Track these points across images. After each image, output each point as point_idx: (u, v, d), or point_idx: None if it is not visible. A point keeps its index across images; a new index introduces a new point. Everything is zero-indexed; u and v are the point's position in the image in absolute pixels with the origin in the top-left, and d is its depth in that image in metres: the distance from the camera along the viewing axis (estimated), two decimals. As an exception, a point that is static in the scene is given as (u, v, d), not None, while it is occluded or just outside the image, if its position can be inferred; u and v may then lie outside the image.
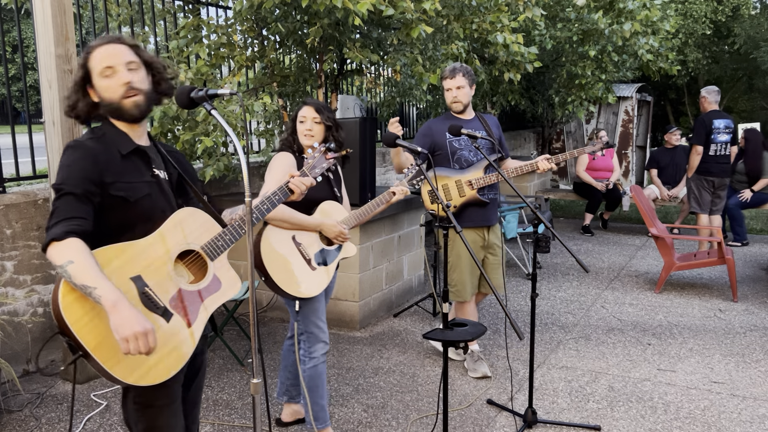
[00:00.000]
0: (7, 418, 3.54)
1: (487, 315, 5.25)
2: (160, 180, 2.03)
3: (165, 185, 2.05)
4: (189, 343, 1.95)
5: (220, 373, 4.16)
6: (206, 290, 2.01)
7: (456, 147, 3.94)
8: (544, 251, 7.35)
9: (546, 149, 11.95)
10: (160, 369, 1.88)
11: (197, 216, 2.03)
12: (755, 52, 16.27)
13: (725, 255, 5.58)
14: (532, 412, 3.43)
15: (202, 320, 1.99)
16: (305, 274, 2.97)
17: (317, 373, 3.07)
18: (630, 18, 7.43)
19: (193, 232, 2.01)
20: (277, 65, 5.27)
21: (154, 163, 2.03)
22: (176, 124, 4.49)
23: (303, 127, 3.05)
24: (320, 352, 3.07)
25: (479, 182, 3.88)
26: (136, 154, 1.99)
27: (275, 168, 3.01)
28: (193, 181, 2.18)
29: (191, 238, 2.00)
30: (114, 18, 5.00)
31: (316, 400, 3.10)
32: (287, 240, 2.96)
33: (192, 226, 2.01)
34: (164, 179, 2.05)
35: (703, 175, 6.80)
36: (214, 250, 2.03)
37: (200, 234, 2.02)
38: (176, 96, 2.05)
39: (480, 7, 5.41)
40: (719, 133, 6.71)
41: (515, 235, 6.29)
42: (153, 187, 1.99)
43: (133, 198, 1.92)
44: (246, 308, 5.23)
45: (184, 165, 2.21)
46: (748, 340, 4.63)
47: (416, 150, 3.04)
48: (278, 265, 2.91)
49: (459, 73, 3.90)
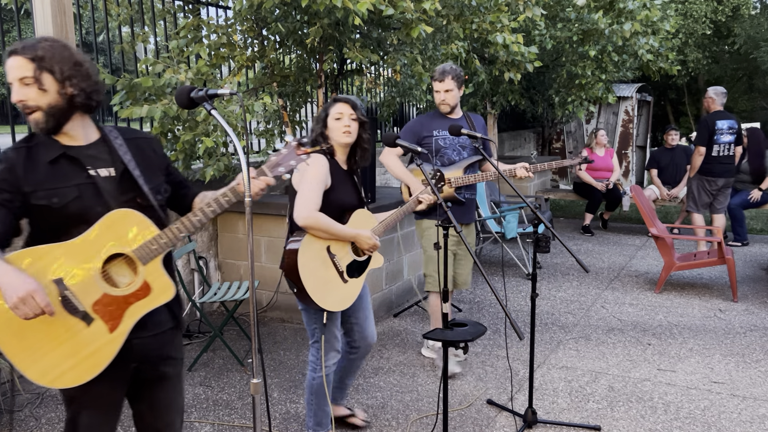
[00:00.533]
0: (7, 418, 3.54)
1: (487, 315, 5.25)
2: (97, 180, 1.95)
3: (105, 184, 1.96)
4: (109, 349, 1.91)
5: (220, 373, 4.16)
6: (134, 296, 1.94)
7: (441, 145, 3.97)
8: (544, 251, 7.35)
9: (546, 149, 11.94)
10: (76, 372, 1.88)
11: (131, 218, 1.93)
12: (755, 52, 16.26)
13: (725, 255, 5.58)
14: (532, 412, 3.43)
15: (127, 327, 1.93)
16: (337, 288, 2.92)
17: (327, 381, 3.06)
18: (630, 18, 7.42)
19: (126, 234, 1.93)
20: (277, 65, 5.27)
21: (90, 163, 1.95)
22: (176, 124, 4.49)
23: (340, 125, 2.92)
24: (332, 360, 3.05)
25: (458, 181, 3.91)
26: (64, 158, 1.93)
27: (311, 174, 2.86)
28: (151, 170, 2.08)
29: (123, 240, 1.92)
30: (114, 18, 5.00)
31: (322, 406, 3.09)
32: (323, 251, 2.87)
33: (125, 228, 1.92)
34: (107, 177, 1.97)
35: (705, 175, 6.80)
36: (146, 254, 1.94)
37: (133, 237, 1.93)
38: (176, 96, 2.05)
39: (480, 7, 5.41)
40: (722, 134, 6.71)
41: (515, 235, 6.29)
42: (85, 189, 1.92)
43: (58, 204, 1.88)
44: (246, 308, 5.23)
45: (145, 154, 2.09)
46: (748, 340, 4.63)
47: (416, 150, 3.04)
48: (315, 279, 2.82)
49: (448, 75, 3.90)
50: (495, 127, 9.03)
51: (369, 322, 3.21)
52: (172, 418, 2.18)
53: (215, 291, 4.49)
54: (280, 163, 2.05)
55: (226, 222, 5.37)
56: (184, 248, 4.32)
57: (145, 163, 2.06)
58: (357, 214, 2.96)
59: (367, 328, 3.20)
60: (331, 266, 2.89)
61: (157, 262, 1.96)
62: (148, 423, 2.17)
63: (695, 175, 6.85)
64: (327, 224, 2.83)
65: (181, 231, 1.96)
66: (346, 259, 2.94)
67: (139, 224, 1.94)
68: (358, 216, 2.96)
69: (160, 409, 2.15)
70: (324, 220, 2.82)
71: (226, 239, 5.38)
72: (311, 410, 3.09)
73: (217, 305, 5.43)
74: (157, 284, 1.97)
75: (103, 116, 5.16)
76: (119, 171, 2.00)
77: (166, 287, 1.98)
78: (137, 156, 2.05)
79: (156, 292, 1.97)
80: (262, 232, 5.11)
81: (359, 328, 3.18)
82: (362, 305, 3.17)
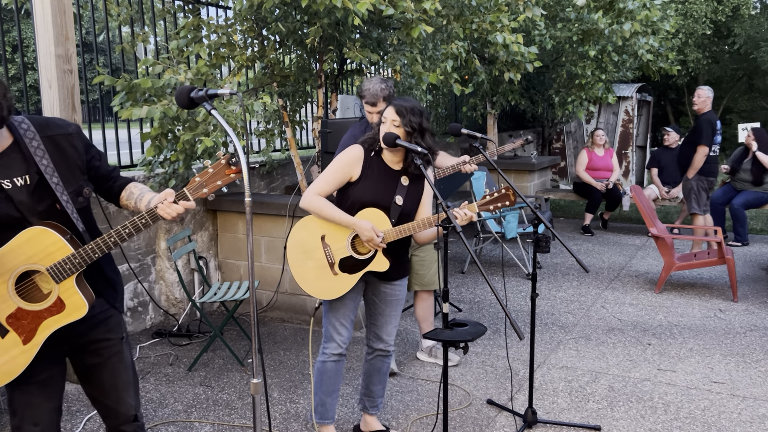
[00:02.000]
0: (7, 419, 3.54)
1: (487, 315, 5.25)
2: (11, 192, 1.94)
3: (19, 194, 1.94)
4: (21, 359, 2.01)
5: (220, 373, 4.16)
6: (48, 311, 2.00)
7: None
8: (544, 251, 7.31)
9: (546, 149, 11.94)
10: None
11: (46, 236, 1.95)
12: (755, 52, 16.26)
13: (725, 255, 5.58)
14: (532, 412, 3.43)
15: (42, 337, 2.01)
16: (323, 277, 2.92)
17: (324, 369, 3.09)
18: (630, 18, 7.42)
19: (41, 251, 1.95)
20: (277, 65, 5.27)
21: (3, 175, 1.93)
22: (176, 125, 4.49)
23: (383, 128, 2.86)
24: (331, 350, 3.06)
25: None
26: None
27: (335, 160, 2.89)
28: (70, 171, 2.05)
29: (37, 258, 1.96)
30: (114, 18, 5.00)
31: (320, 395, 3.12)
32: (315, 238, 2.91)
33: (40, 246, 1.95)
34: (22, 186, 1.95)
35: (705, 175, 6.81)
36: (60, 272, 1.97)
37: (48, 254, 1.96)
38: (176, 96, 2.05)
39: (480, 7, 5.41)
40: (718, 133, 6.71)
41: (515, 235, 6.29)
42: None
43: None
44: (246, 308, 5.23)
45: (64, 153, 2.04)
46: (748, 340, 4.63)
47: (416, 150, 3.03)
48: (298, 261, 2.92)
49: (380, 98, 3.74)
50: (495, 127, 9.03)
51: (387, 328, 3.16)
52: (120, 395, 2.26)
53: (215, 291, 4.49)
54: (204, 185, 2.01)
55: (226, 222, 5.37)
56: (184, 248, 4.32)
57: (63, 164, 2.03)
58: (368, 211, 2.87)
59: (383, 332, 3.16)
60: (322, 255, 2.92)
61: (71, 281, 2.00)
62: (99, 402, 2.28)
63: (695, 176, 6.85)
64: (320, 206, 2.85)
65: (95, 252, 1.98)
66: (341, 252, 2.92)
67: (54, 243, 1.96)
68: (367, 212, 2.88)
69: (105, 389, 2.25)
70: (318, 202, 2.85)
71: (226, 239, 5.38)
72: (317, 395, 3.15)
73: (217, 305, 5.43)
74: (71, 302, 2.01)
75: (104, 116, 5.16)
76: (34, 180, 1.97)
77: (78, 305, 2.02)
78: (55, 156, 2.01)
79: (69, 309, 2.01)
80: (262, 232, 5.11)
81: (374, 331, 3.17)
82: (383, 311, 3.12)
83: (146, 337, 4.79)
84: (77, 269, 1.98)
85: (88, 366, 2.23)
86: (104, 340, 2.21)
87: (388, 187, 2.91)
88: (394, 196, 2.91)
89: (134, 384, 2.32)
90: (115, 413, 2.28)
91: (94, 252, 1.98)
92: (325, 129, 4.83)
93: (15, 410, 2.13)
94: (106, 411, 2.29)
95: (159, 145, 4.49)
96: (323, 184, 2.90)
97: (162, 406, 3.71)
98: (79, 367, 2.24)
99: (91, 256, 1.98)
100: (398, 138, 3.12)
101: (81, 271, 2.01)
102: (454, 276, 6.42)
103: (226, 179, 2.01)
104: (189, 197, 1.99)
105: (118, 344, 2.25)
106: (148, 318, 5.00)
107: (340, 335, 3.06)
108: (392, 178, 2.93)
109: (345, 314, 3.05)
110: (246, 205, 1.87)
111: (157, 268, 5.04)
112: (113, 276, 2.26)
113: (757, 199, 7.56)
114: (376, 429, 3.32)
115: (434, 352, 4.32)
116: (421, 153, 3.00)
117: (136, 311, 4.89)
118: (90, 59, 12.19)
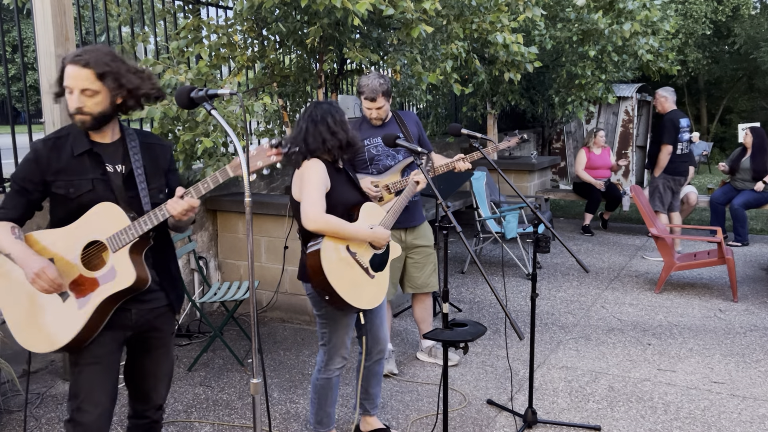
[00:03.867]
0: (7, 418, 3.54)
1: (487, 315, 5.25)
2: (111, 176, 2.25)
3: (116, 180, 2.26)
4: (76, 322, 2.19)
5: (220, 373, 4.16)
6: (103, 278, 2.20)
7: (374, 153, 3.89)
8: (544, 251, 7.35)
9: (546, 149, 11.94)
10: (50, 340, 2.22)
11: (110, 210, 2.20)
12: (755, 52, 16.26)
13: (725, 255, 5.58)
14: (532, 412, 3.43)
15: (94, 303, 2.19)
16: (367, 284, 2.90)
17: (330, 385, 3.05)
18: (630, 18, 7.42)
19: (104, 224, 2.20)
20: (277, 65, 5.27)
21: (109, 159, 2.25)
22: (176, 125, 4.49)
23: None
24: (337, 365, 3.03)
25: (396, 186, 3.84)
26: (88, 153, 2.23)
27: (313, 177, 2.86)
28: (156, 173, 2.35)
29: (102, 230, 2.20)
30: (114, 18, 5.00)
31: (324, 407, 3.08)
32: (344, 252, 2.84)
33: (104, 219, 2.20)
34: (119, 173, 2.27)
35: (671, 174, 6.87)
36: (116, 242, 2.19)
37: (109, 227, 2.20)
38: (176, 96, 2.08)
39: (480, 7, 5.40)
40: (684, 131, 6.74)
41: (515, 235, 6.30)
42: (99, 183, 2.22)
43: (74, 194, 2.20)
44: (246, 308, 5.23)
45: (154, 158, 2.36)
46: (748, 340, 4.63)
47: (417, 150, 3.05)
48: (344, 280, 2.79)
49: (379, 93, 3.75)
50: (495, 127, 9.03)
51: (382, 328, 3.19)
52: (156, 384, 2.46)
53: (215, 291, 4.49)
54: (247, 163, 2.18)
55: (226, 222, 5.37)
56: (184, 248, 4.32)
57: (151, 165, 2.34)
58: (365, 208, 2.95)
59: (380, 333, 3.18)
60: (355, 264, 2.86)
61: (125, 251, 2.20)
62: (135, 385, 2.46)
63: (661, 174, 6.91)
64: (338, 225, 2.80)
65: (146, 223, 2.19)
66: (367, 254, 2.92)
67: (116, 216, 2.19)
68: (366, 210, 2.95)
69: (145, 375, 2.44)
70: (334, 221, 2.80)
71: (226, 239, 5.38)
72: (313, 407, 3.11)
73: (217, 305, 5.43)
74: (121, 271, 2.20)
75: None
76: (127, 169, 2.29)
77: (128, 274, 2.20)
78: (146, 157, 2.33)
79: (119, 278, 2.20)
80: (262, 232, 5.11)
81: (372, 333, 3.16)
82: (376, 311, 3.15)
83: (146, 337, 4.79)
84: (131, 238, 2.19)
85: (136, 351, 2.42)
86: (156, 330, 2.40)
87: (350, 183, 3.04)
88: (359, 188, 3.06)
89: (170, 377, 2.52)
90: (147, 398, 2.46)
91: (144, 224, 2.19)
92: (325, 129, 4.83)
93: (77, 392, 2.26)
94: (138, 395, 2.47)
95: (159, 145, 4.49)
96: (320, 200, 2.81)
97: (162, 406, 3.72)
98: (128, 351, 2.44)
99: (142, 227, 2.19)
100: (398, 138, 3.14)
101: (134, 242, 2.20)
102: (454, 276, 6.42)
103: (267, 161, 2.21)
104: (193, 194, 2.20)
105: (167, 337, 2.46)
106: (148, 318, 4.99)
107: (346, 348, 3.03)
108: (345, 175, 3.04)
109: (350, 325, 3.02)
110: (246, 205, 1.88)
111: (157, 268, 5.04)
112: (177, 275, 2.49)
113: (757, 199, 7.56)
114: (378, 428, 3.32)
115: (434, 352, 4.32)
116: (420, 152, 3.04)
117: (136, 311, 4.88)
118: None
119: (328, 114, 2.90)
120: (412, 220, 4.00)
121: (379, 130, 3.90)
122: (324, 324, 2.98)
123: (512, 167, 8.87)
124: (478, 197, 6.73)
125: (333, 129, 2.88)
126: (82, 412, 2.24)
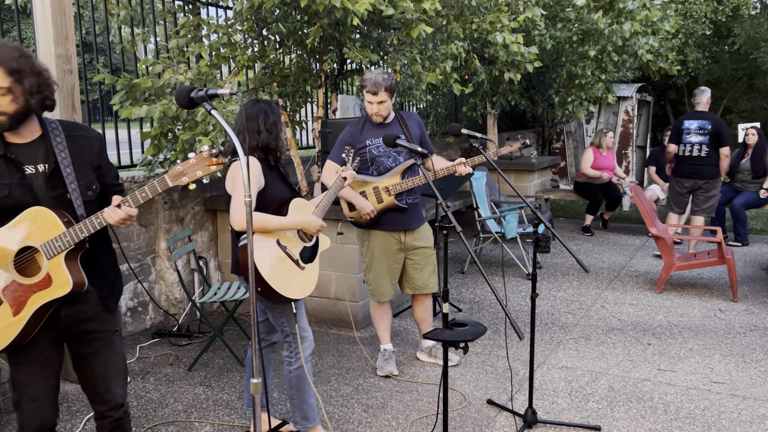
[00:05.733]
0: (7, 418, 3.54)
1: (487, 315, 5.25)
2: (31, 177, 2.18)
3: (38, 180, 2.18)
4: (11, 329, 2.18)
5: (220, 373, 4.16)
6: (37, 285, 2.17)
7: (375, 154, 3.89)
8: (544, 251, 7.35)
9: (546, 149, 11.94)
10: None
11: (42, 215, 2.15)
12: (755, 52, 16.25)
13: (725, 255, 5.58)
14: (532, 412, 3.43)
15: (30, 310, 2.17)
16: (297, 276, 2.99)
17: (305, 374, 3.10)
18: (630, 18, 7.42)
19: (38, 230, 2.15)
20: (277, 65, 5.27)
21: (28, 160, 2.18)
22: (176, 124, 4.49)
23: None
24: (308, 351, 3.12)
25: (396, 188, 3.84)
26: (3, 158, 2.16)
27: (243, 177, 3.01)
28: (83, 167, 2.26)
29: (35, 235, 2.15)
30: (114, 18, 5.00)
31: (306, 399, 3.12)
32: (273, 246, 2.94)
33: (37, 224, 2.15)
34: (42, 173, 2.19)
35: (674, 175, 6.81)
36: (50, 249, 2.15)
37: (44, 232, 2.15)
38: (176, 96, 2.07)
39: (480, 7, 5.40)
40: (689, 133, 6.67)
41: (515, 235, 6.29)
42: (16, 188, 2.15)
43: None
44: (246, 308, 5.23)
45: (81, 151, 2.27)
46: (748, 340, 4.63)
47: (416, 150, 3.07)
48: (274, 272, 2.89)
49: (381, 87, 3.76)
50: (495, 127, 9.03)
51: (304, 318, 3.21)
52: (108, 384, 2.43)
53: (215, 291, 4.49)
54: (185, 173, 2.14)
55: (226, 222, 5.37)
56: (184, 248, 4.32)
57: (79, 160, 2.26)
58: (294, 204, 3.05)
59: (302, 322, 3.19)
60: (285, 257, 2.96)
61: (60, 258, 2.16)
62: (89, 388, 2.44)
63: (670, 176, 6.88)
64: (265, 220, 2.90)
65: (82, 231, 2.15)
66: (297, 247, 3.03)
67: (49, 222, 2.15)
68: (296, 205, 3.05)
69: (96, 378, 2.42)
70: (261, 218, 2.89)
71: (226, 239, 5.38)
72: (295, 406, 3.13)
73: (217, 305, 5.43)
74: (57, 278, 2.17)
75: (103, 116, 5.17)
76: (50, 167, 2.21)
77: (63, 282, 2.17)
78: (73, 152, 2.25)
79: (55, 285, 2.17)
80: (262, 232, 5.10)
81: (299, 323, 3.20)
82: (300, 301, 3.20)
83: (146, 337, 4.79)
84: (66, 246, 2.14)
85: (81, 355, 2.40)
86: (97, 332, 2.37)
87: (282, 180, 3.10)
88: (290, 185, 3.13)
89: (123, 375, 2.49)
90: (103, 400, 2.45)
91: (81, 231, 2.14)
92: (325, 129, 4.83)
93: (15, 387, 2.32)
94: (94, 397, 2.46)
95: (158, 145, 4.49)
96: None
97: (162, 406, 3.71)
98: (74, 354, 2.41)
99: (78, 235, 2.14)
100: (398, 137, 3.14)
101: (69, 249, 2.16)
102: (454, 276, 6.42)
103: (207, 170, 2.13)
104: (130, 203, 2.15)
105: (111, 336, 2.41)
106: (148, 318, 5.00)
107: (309, 332, 3.15)
108: (277, 173, 3.10)
109: (304, 311, 3.16)
110: (246, 205, 1.88)
111: (157, 268, 5.04)
112: (112, 275, 2.41)
113: (757, 199, 7.57)
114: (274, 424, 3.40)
115: (434, 352, 4.32)
116: (420, 152, 3.05)
117: (136, 311, 4.89)
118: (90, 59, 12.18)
119: (262, 113, 2.99)
120: (410, 223, 3.99)
121: (381, 131, 3.90)
122: (279, 314, 3.06)
123: (512, 167, 8.87)
124: (478, 197, 6.72)
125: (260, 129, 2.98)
126: (20, 405, 2.32)
